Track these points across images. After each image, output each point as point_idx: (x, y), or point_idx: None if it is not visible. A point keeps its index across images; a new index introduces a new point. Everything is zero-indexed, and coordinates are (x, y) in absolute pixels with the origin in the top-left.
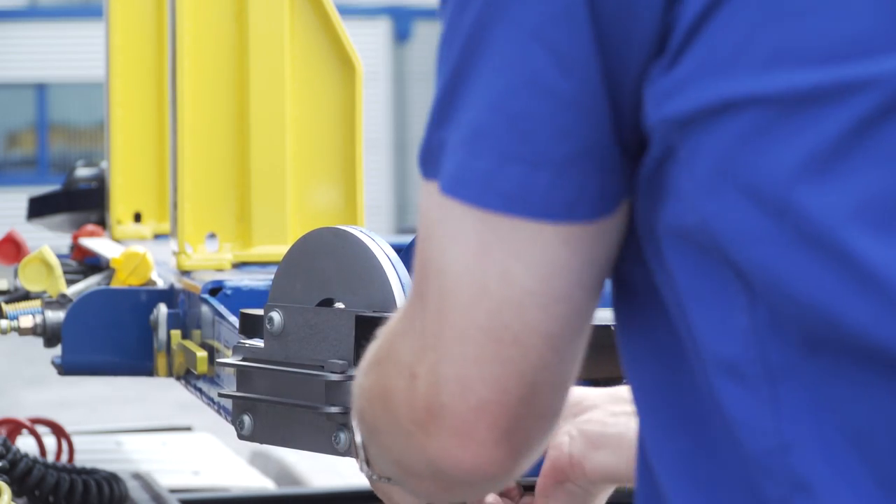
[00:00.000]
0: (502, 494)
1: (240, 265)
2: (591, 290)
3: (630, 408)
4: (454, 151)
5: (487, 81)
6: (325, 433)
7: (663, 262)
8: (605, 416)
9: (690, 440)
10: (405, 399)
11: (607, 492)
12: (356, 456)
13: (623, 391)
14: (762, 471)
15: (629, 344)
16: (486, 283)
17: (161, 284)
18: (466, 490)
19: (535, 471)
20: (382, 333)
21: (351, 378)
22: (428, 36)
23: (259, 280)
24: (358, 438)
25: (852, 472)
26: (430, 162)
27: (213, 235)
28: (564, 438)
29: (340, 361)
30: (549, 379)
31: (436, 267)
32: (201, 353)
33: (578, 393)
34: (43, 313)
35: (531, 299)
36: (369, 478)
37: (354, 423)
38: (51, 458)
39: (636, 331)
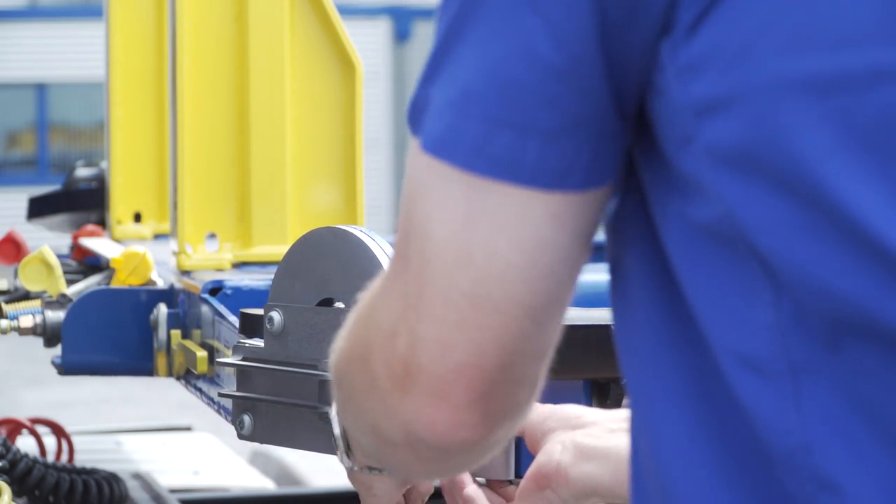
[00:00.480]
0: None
1: (240, 265)
2: (574, 265)
3: (627, 425)
4: (441, 112)
5: (479, 46)
6: (324, 433)
7: (669, 255)
8: (600, 431)
9: (702, 427)
10: (383, 357)
11: None
12: (336, 448)
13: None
14: (785, 468)
15: (628, 334)
16: (471, 253)
17: (161, 284)
18: (442, 458)
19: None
20: (363, 297)
21: None
22: (428, 36)
23: (259, 280)
24: (337, 430)
25: (881, 470)
26: (417, 118)
27: (213, 235)
28: (557, 446)
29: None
30: (529, 348)
31: (420, 230)
32: (201, 353)
33: (582, 409)
34: (43, 313)
35: (515, 273)
36: (349, 469)
37: (333, 410)
38: (51, 458)
39: (637, 321)
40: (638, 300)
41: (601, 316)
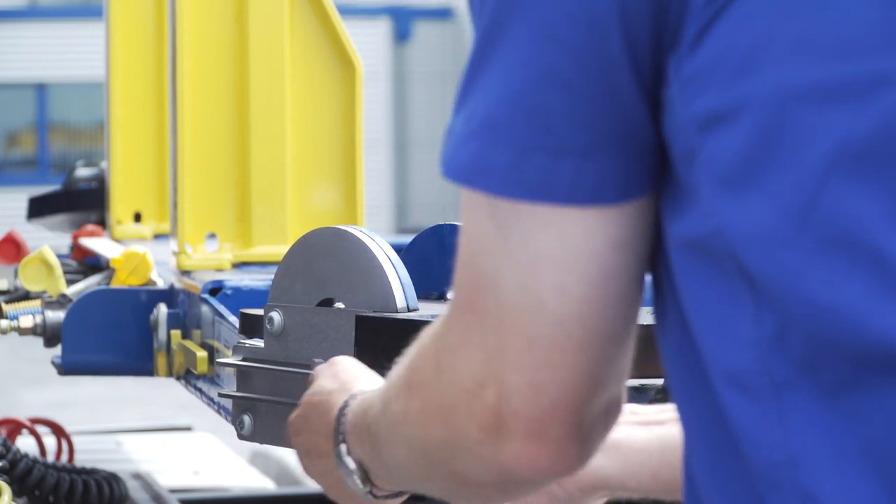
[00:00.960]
0: None
1: (240, 265)
2: (640, 281)
3: (636, 419)
4: (466, 142)
5: (502, 76)
6: None
7: (672, 272)
8: None
9: (708, 442)
10: (470, 411)
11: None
12: (354, 478)
13: (638, 406)
14: (768, 483)
15: (660, 343)
16: (544, 299)
17: (161, 284)
18: (533, 488)
19: None
20: (417, 353)
21: None
22: (428, 36)
23: (259, 280)
24: (352, 465)
25: (864, 485)
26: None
27: (213, 235)
28: None
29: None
30: (614, 370)
31: (490, 283)
32: (201, 353)
33: None
34: (43, 313)
35: (590, 307)
36: (365, 496)
37: (343, 448)
38: (51, 458)
39: (663, 331)
40: (666, 318)
41: None
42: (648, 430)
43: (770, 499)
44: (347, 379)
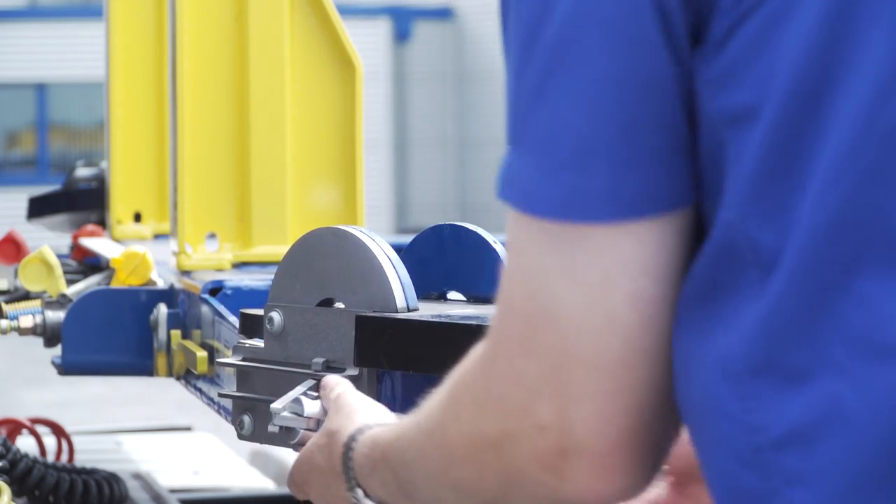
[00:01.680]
0: None
1: (240, 265)
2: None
3: None
4: (552, 175)
5: (577, 101)
6: None
7: None
8: None
9: (692, 426)
10: (531, 451)
11: None
12: None
13: None
14: (748, 465)
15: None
16: (616, 312)
17: (161, 284)
18: None
19: None
20: (461, 386)
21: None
22: (428, 36)
23: (259, 280)
24: None
25: (847, 463)
26: (513, 189)
27: (213, 235)
28: None
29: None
30: (671, 383)
31: (553, 315)
32: (201, 353)
33: None
34: (43, 313)
35: (658, 308)
36: None
37: (360, 492)
38: (51, 458)
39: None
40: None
41: None
42: None
43: (744, 479)
44: (347, 414)
